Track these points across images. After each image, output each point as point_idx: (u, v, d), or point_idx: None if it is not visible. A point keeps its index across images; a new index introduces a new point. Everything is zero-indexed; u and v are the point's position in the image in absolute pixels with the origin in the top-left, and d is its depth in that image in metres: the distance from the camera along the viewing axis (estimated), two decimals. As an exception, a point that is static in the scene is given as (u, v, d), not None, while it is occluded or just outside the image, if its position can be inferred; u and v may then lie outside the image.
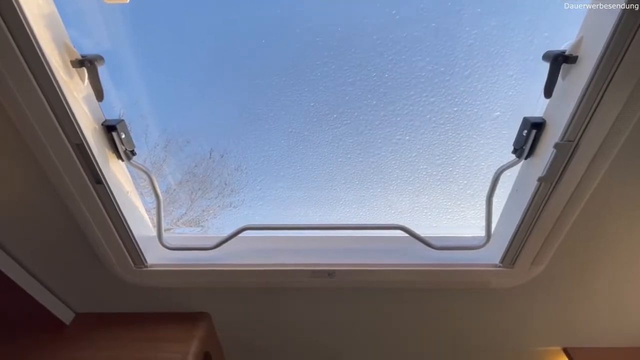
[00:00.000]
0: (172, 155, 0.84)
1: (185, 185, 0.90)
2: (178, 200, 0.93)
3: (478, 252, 0.75)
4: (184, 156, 0.84)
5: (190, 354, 0.78)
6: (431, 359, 1.01)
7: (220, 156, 0.82)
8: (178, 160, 0.84)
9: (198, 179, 0.88)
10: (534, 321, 0.88)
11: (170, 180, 0.89)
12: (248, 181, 0.83)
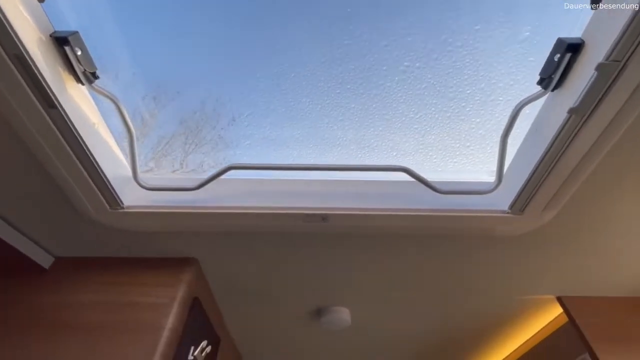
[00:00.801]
0: (162, 107, 0.75)
1: (178, 138, 0.82)
2: (171, 154, 0.85)
3: (486, 198, 0.69)
4: (175, 108, 0.76)
5: (178, 298, 0.74)
6: (424, 304, 1.01)
7: (212, 109, 0.75)
8: (168, 112, 0.76)
9: (192, 132, 0.80)
10: (532, 270, 0.86)
11: (162, 133, 0.80)
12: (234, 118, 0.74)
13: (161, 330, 0.69)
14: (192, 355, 0.76)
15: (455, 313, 1.03)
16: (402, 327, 1.12)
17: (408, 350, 1.31)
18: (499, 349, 1.23)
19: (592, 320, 0.90)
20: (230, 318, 1.10)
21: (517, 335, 1.16)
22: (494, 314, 1.03)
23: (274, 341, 1.26)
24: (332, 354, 1.35)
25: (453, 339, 1.19)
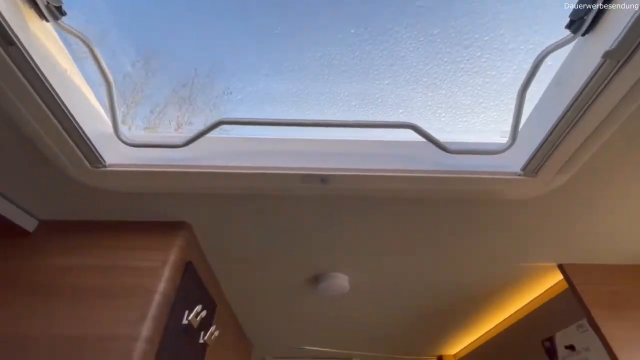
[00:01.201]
0: (153, 73, 0.68)
1: (171, 106, 0.75)
2: (165, 123, 0.78)
3: (497, 158, 0.64)
4: (168, 74, 0.70)
5: (170, 262, 0.71)
6: (424, 270, 0.99)
7: (206, 75, 0.70)
8: (160, 79, 0.70)
9: (185, 100, 0.73)
10: (537, 236, 0.83)
11: (155, 101, 0.74)
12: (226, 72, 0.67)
13: (153, 294, 0.66)
14: (187, 319, 0.74)
15: (455, 278, 1.02)
16: (402, 292, 1.11)
17: (407, 315, 1.32)
18: (496, 313, 1.25)
19: (592, 287, 0.89)
20: (226, 284, 1.09)
21: (515, 300, 1.16)
22: (494, 279, 1.02)
23: (272, 307, 1.26)
24: (330, 319, 1.36)
25: (452, 304, 1.19)
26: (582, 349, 0.87)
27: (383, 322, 1.41)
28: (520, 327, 1.16)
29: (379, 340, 1.63)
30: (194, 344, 0.81)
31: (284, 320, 1.38)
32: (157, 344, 0.65)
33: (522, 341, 1.13)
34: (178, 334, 0.71)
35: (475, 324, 1.41)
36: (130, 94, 0.72)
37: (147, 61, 0.69)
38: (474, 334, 1.54)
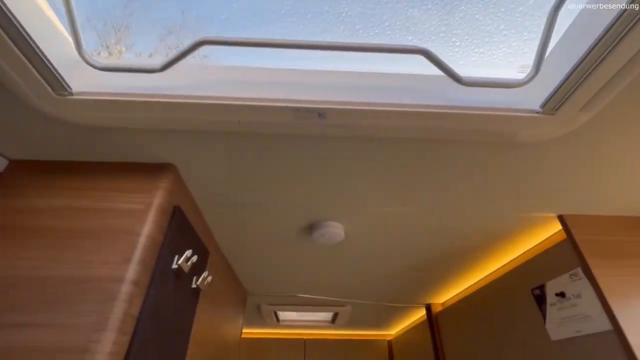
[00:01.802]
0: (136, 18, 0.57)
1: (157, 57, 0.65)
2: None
3: (515, 94, 0.58)
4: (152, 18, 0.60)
5: (155, 205, 0.67)
6: (422, 218, 0.97)
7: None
8: (144, 24, 0.59)
9: (171, 48, 0.62)
10: (541, 185, 0.80)
11: (139, 50, 0.63)
12: None
13: (137, 237, 0.62)
14: (176, 264, 0.71)
15: (451, 228, 1.01)
16: (396, 242, 1.10)
17: (399, 265, 1.34)
18: (487, 264, 1.27)
19: (590, 238, 0.88)
20: (218, 232, 1.06)
21: (508, 251, 1.17)
22: (490, 230, 1.01)
23: (266, 256, 1.26)
24: (324, 268, 1.38)
25: (445, 253, 1.20)
26: (572, 296, 0.88)
27: (375, 271, 1.43)
28: (511, 277, 1.18)
29: (371, 288, 1.67)
30: (185, 289, 0.80)
31: (278, 268, 1.39)
32: (145, 287, 0.62)
33: (512, 290, 1.16)
34: (168, 278, 0.69)
35: (465, 275, 1.44)
36: (112, 43, 0.62)
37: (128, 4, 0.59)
38: (463, 284, 1.59)
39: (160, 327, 0.66)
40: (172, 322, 0.73)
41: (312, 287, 1.66)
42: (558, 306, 0.93)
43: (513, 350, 1.13)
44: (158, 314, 0.65)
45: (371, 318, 2.28)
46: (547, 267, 0.99)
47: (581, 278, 0.86)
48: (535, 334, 1.02)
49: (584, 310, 0.85)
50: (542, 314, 0.99)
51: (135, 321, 0.59)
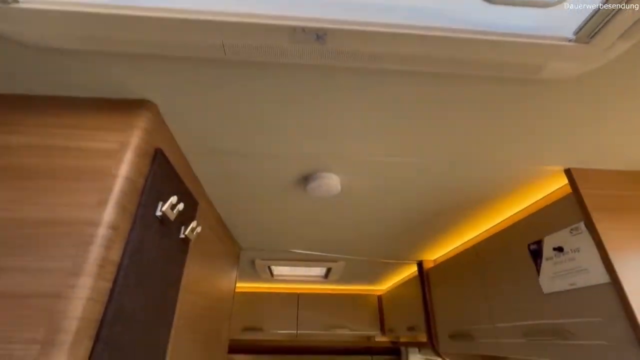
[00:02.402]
0: None
1: None
2: None
3: (544, 19, 0.50)
4: None
5: (132, 145, 0.60)
6: (423, 169, 0.92)
7: None
8: None
9: None
10: (555, 132, 0.74)
11: None
12: None
13: (113, 179, 0.56)
14: (160, 210, 0.66)
15: (451, 181, 0.96)
16: (396, 196, 1.07)
17: (394, 221, 1.32)
18: (488, 219, 1.25)
19: (596, 192, 0.85)
20: (208, 183, 1.01)
21: (506, 207, 1.14)
22: (491, 183, 0.97)
23: (259, 209, 1.22)
24: (319, 223, 1.35)
25: (441, 209, 1.17)
26: (570, 250, 0.87)
27: (369, 228, 1.42)
28: (507, 233, 1.17)
29: (364, 245, 1.68)
30: (173, 238, 0.75)
31: (272, 223, 1.36)
32: (125, 233, 0.57)
33: (507, 246, 1.15)
34: (152, 225, 0.64)
35: (459, 232, 1.44)
36: None
37: None
38: (456, 242, 1.59)
39: (146, 275, 0.63)
40: (160, 270, 0.69)
41: (306, 242, 1.66)
42: (554, 260, 0.92)
43: (504, 304, 1.15)
44: (142, 262, 0.61)
45: (363, 274, 2.34)
46: (546, 222, 0.97)
47: (582, 232, 0.84)
48: (527, 288, 1.03)
49: (581, 264, 0.84)
50: (536, 268, 0.99)
51: (116, 268, 0.55)
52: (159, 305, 0.69)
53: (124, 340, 0.56)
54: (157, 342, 0.69)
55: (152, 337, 0.67)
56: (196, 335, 0.97)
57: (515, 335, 1.08)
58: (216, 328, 1.21)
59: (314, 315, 2.77)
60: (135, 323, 0.59)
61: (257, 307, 2.75)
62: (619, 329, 0.73)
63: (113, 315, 0.52)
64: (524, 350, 1.04)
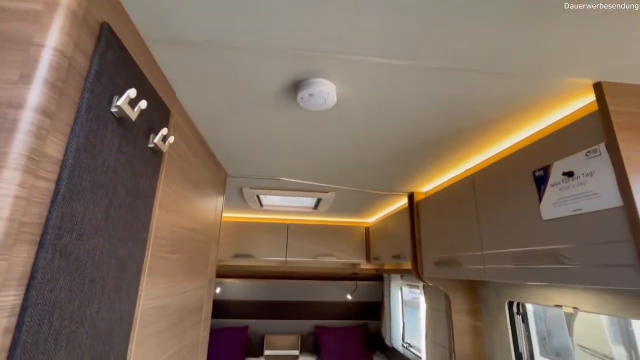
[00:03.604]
0: None
1: None
2: None
3: None
4: None
5: (62, 6, 0.44)
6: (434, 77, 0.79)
7: None
8: None
9: None
10: (590, 38, 0.62)
11: None
12: None
13: (38, 49, 0.42)
14: (116, 106, 0.53)
15: (458, 94, 0.84)
16: (396, 113, 0.95)
17: (388, 149, 1.22)
18: (494, 144, 1.16)
19: (624, 109, 0.75)
20: (183, 90, 0.86)
21: (513, 130, 1.05)
22: (503, 98, 0.86)
23: (244, 127, 1.10)
24: (310, 148, 1.25)
25: (449, 131, 1.07)
26: (582, 174, 0.80)
27: (363, 156, 1.33)
28: (509, 161, 1.09)
29: (356, 175, 1.61)
30: (138, 145, 0.64)
31: (260, 146, 1.25)
32: (67, 125, 0.46)
33: (508, 175, 1.09)
34: (105, 122, 0.52)
35: (456, 161, 1.37)
36: None
37: None
38: (451, 173, 1.54)
39: (105, 183, 0.53)
40: (124, 180, 0.59)
41: (296, 172, 1.58)
42: (561, 186, 0.86)
43: (496, 232, 1.13)
44: (96, 166, 0.50)
45: (352, 206, 2.34)
46: (559, 145, 0.89)
47: (600, 154, 0.76)
48: (524, 216, 0.99)
49: (591, 188, 0.78)
50: (538, 196, 0.94)
51: (58, 166, 0.44)
52: (126, 218, 0.61)
53: (82, 251, 0.48)
54: (129, 257, 0.63)
55: (121, 251, 0.60)
56: (179, 255, 0.93)
57: (504, 262, 1.08)
58: (203, 251, 1.18)
59: (302, 244, 2.84)
60: (94, 234, 0.51)
61: (247, 235, 2.79)
62: (623, 253, 0.70)
63: (60, 221, 0.43)
64: (511, 275, 1.05)
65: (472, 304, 1.72)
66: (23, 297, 0.39)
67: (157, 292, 0.78)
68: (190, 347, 1.09)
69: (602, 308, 1.08)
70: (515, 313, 1.51)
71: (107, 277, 0.55)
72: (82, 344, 0.49)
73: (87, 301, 0.50)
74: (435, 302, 2.17)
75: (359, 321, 3.60)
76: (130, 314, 0.64)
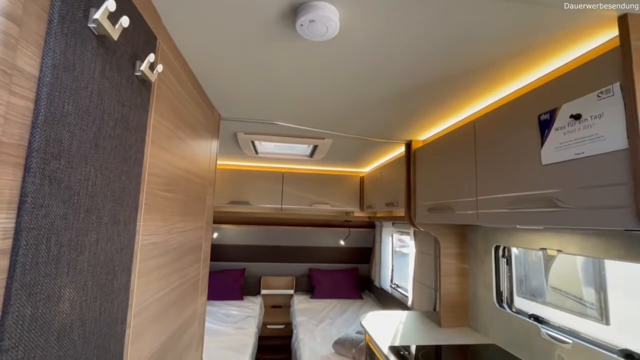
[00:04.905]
0: None
1: None
2: None
3: None
4: None
5: None
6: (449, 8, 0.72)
7: None
8: None
9: None
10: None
11: None
12: None
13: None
14: (93, 20, 0.47)
15: (478, 24, 0.78)
16: (398, 51, 0.88)
17: (400, 86, 1.16)
18: (499, 87, 1.12)
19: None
20: (170, 19, 0.77)
21: (528, 69, 1.00)
22: (517, 31, 0.80)
23: (237, 63, 1.02)
24: (308, 89, 1.19)
25: (454, 70, 1.01)
26: (590, 117, 0.78)
27: (361, 99, 1.27)
28: (514, 105, 1.06)
29: (353, 121, 1.57)
30: (124, 71, 0.59)
31: (253, 85, 1.18)
32: (40, 38, 0.40)
33: (510, 119, 1.06)
34: (83, 38, 0.47)
35: (457, 107, 1.32)
36: None
37: None
38: (451, 120, 1.50)
39: (89, 108, 0.49)
40: (111, 108, 0.55)
41: (292, 116, 1.52)
42: (566, 129, 0.84)
43: (492, 178, 1.14)
44: (78, 87, 0.46)
45: (348, 155, 2.32)
46: (570, 87, 0.85)
47: (612, 95, 0.73)
48: (523, 161, 0.99)
49: (598, 132, 0.76)
50: (540, 140, 0.92)
51: (35, 83, 0.40)
52: (117, 151, 0.58)
53: (73, 180, 0.46)
54: (124, 191, 0.61)
55: (115, 185, 0.58)
56: (175, 195, 0.92)
57: (498, 206, 1.10)
58: (199, 193, 1.17)
59: (298, 192, 2.88)
60: (85, 163, 0.49)
61: (243, 183, 2.80)
62: (619, 195, 0.70)
63: (46, 145, 0.41)
64: (503, 219, 1.07)
65: (460, 248, 1.80)
66: (15, 220, 0.38)
67: (155, 229, 0.78)
68: (191, 283, 1.13)
69: (585, 250, 1.14)
70: (501, 256, 1.60)
71: (102, 208, 0.54)
72: (84, 271, 0.50)
73: (85, 231, 0.49)
74: (424, 247, 2.28)
75: (350, 265, 3.81)
76: (130, 247, 0.65)
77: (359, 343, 2.09)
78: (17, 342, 0.37)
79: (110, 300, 0.58)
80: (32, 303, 0.39)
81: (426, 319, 1.88)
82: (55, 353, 0.43)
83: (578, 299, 1.29)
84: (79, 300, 0.48)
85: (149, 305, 0.76)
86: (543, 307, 1.40)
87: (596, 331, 1.15)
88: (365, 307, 3.12)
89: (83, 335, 0.49)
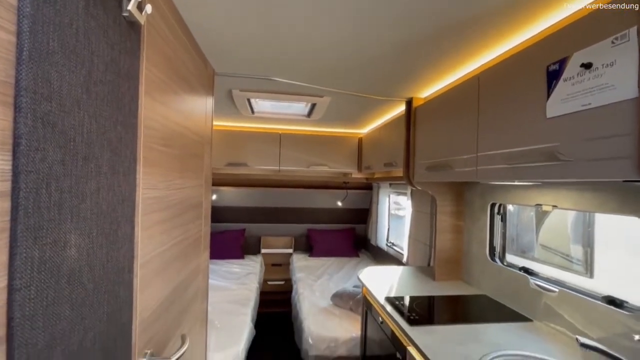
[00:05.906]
0: None
1: None
2: None
3: None
4: None
5: None
6: None
7: None
8: None
9: None
10: None
11: None
12: None
13: None
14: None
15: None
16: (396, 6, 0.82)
17: (402, 38, 1.10)
18: (506, 38, 1.06)
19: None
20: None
21: (536, 18, 0.94)
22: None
23: (227, 1, 0.96)
24: (305, 37, 1.12)
25: (458, 19, 0.96)
26: (602, 65, 0.75)
27: (361, 52, 1.21)
28: (523, 55, 1.01)
29: (353, 77, 1.51)
30: (109, 10, 0.54)
31: (248, 34, 1.11)
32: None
33: (517, 71, 1.02)
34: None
35: (461, 61, 1.27)
36: None
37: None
38: (454, 74, 1.45)
39: (78, 46, 0.46)
40: (100, 51, 0.52)
41: (290, 71, 1.46)
42: (575, 79, 0.82)
43: (494, 133, 1.12)
44: (62, 22, 0.43)
45: (347, 114, 2.27)
46: (583, 33, 0.81)
47: (628, 40, 0.70)
48: (527, 114, 0.97)
49: (608, 80, 0.74)
50: (547, 92, 0.90)
51: (15, 14, 0.37)
52: (110, 98, 0.55)
53: (67, 124, 0.44)
54: (121, 141, 0.59)
55: (111, 134, 0.56)
56: (172, 150, 0.90)
57: (498, 162, 1.09)
58: (196, 150, 1.16)
59: (295, 154, 2.86)
60: (77, 108, 0.46)
61: (240, 144, 2.76)
62: (623, 145, 0.70)
63: (34, 84, 0.38)
64: (503, 175, 1.08)
65: (456, 206, 1.84)
66: (12, 162, 0.37)
67: (155, 183, 0.77)
68: (194, 239, 1.16)
69: (580, 205, 1.16)
70: (496, 213, 1.63)
71: (100, 157, 0.53)
72: (88, 219, 0.49)
73: (85, 179, 0.49)
74: (421, 206, 2.32)
75: (347, 225, 3.90)
76: (131, 199, 0.64)
77: (356, 295, 2.21)
78: (28, 282, 0.38)
79: (116, 249, 0.58)
80: (39, 247, 0.39)
81: (421, 273, 1.96)
82: (67, 295, 0.44)
83: (565, 256, 1.34)
84: (85, 247, 0.49)
85: (154, 257, 0.77)
86: (532, 263, 1.46)
87: (581, 283, 1.21)
88: (362, 264, 3.25)
89: (92, 280, 0.51)
